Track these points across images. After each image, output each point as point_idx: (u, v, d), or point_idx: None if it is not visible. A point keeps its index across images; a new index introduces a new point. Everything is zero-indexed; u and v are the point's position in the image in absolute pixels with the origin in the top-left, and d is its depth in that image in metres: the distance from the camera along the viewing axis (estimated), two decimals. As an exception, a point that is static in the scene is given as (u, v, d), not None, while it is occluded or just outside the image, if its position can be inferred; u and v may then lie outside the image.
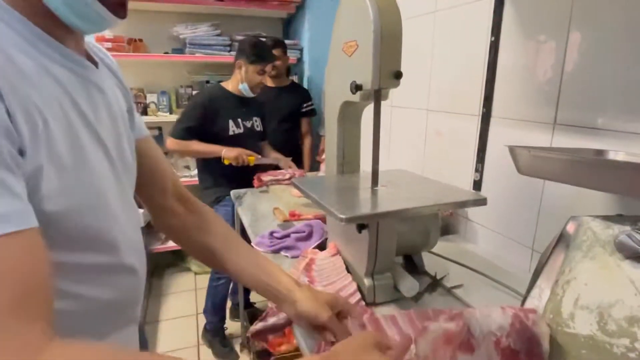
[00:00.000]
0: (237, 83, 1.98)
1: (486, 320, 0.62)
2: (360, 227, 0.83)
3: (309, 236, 1.16)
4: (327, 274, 0.92)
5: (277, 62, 2.47)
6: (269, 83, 2.57)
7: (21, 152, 0.42)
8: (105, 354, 0.42)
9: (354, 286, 0.86)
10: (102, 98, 0.57)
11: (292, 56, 2.78)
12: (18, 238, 0.38)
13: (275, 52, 2.43)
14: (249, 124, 2.04)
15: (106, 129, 0.56)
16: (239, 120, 1.99)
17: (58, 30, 0.50)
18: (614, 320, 0.55)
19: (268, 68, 2.00)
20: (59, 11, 0.48)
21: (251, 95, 2.00)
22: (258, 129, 2.10)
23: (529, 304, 0.67)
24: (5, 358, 0.34)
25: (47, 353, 0.36)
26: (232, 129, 1.97)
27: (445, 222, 1.25)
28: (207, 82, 2.87)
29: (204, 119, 1.90)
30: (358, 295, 0.85)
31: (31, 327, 0.36)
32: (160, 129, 2.96)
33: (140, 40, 2.66)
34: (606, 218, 0.60)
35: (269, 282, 0.71)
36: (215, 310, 2.10)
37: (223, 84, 2.03)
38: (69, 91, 0.50)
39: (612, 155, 0.69)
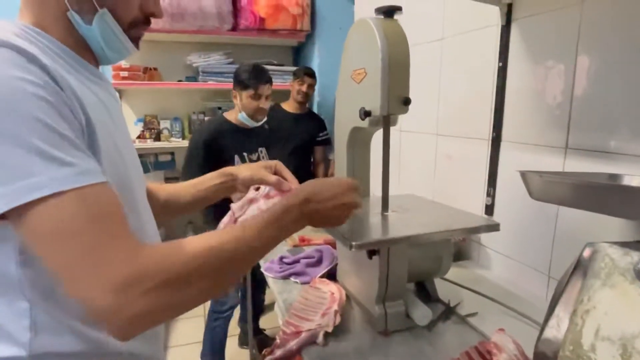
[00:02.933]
0: (237, 114, 1.89)
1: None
2: (371, 253, 0.82)
3: (318, 262, 1.15)
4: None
5: (310, 90, 2.57)
6: (289, 108, 2.62)
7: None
8: (194, 244, 0.52)
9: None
10: (119, 108, 0.67)
11: (302, 82, 2.85)
12: (106, 186, 0.50)
13: (308, 79, 2.52)
14: (254, 157, 1.92)
15: (125, 135, 0.66)
16: (245, 154, 1.88)
17: (85, 54, 0.60)
18: (638, 352, 0.52)
19: (262, 90, 1.84)
20: (93, 42, 0.59)
21: (254, 124, 1.89)
22: (264, 160, 1.97)
23: (547, 334, 0.65)
24: (116, 259, 0.46)
25: (146, 248, 0.49)
26: (237, 164, 1.80)
27: (457, 247, 1.23)
28: (219, 108, 2.93)
29: (208, 157, 1.79)
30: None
31: (130, 238, 0.49)
32: (172, 154, 3.02)
33: (155, 69, 2.75)
34: (624, 244, 0.58)
35: (213, 182, 0.86)
36: (214, 355, 1.99)
37: (226, 115, 1.94)
38: (102, 100, 0.60)
39: (626, 180, 0.68)
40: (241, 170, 0.87)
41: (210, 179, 0.87)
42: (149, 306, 0.47)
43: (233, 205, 0.82)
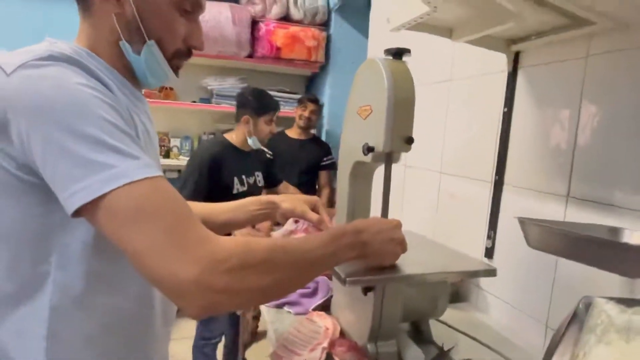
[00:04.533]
0: (242, 137, 1.90)
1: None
2: (366, 290, 0.81)
3: (314, 293, 1.13)
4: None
5: (312, 116, 2.63)
6: (292, 134, 2.67)
7: None
8: (264, 244, 0.55)
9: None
10: (154, 129, 0.74)
11: (312, 111, 2.90)
12: (166, 179, 0.54)
13: (311, 105, 2.59)
14: (252, 180, 1.94)
15: (157, 155, 0.73)
16: (243, 177, 1.89)
17: (130, 77, 0.67)
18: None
19: (275, 115, 1.94)
20: (139, 69, 0.65)
21: (260, 147, 1.92)
22: (260, 184, 2.01)
23: (540, 389, 0.62)
24: (198, 239, 0.49)
25: (219, 238, 0.51)
26: (237, 187, 1.86)
27: (455, 289, 1.21)
28: (225, 131, 2.98)
29: (210, 175, 1.76)
30: None
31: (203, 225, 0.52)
32: (179, 171, 3.05)
33: (171, 88, 2.83)
34: (621, 301, 0.57)
35: (253, 208, 0.88)
36: None
37: (227, 137, 1.93)
38: (143, 121, 0.66)
39: (627, 235, 0.67)
40: (283, 201, 0.90)
41: (250, 204, 0.89)
42: (230, 284, 0.49)
43: (274, 234, 0.86)
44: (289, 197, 0.91)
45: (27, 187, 0.53)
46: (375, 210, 0.94)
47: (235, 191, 1.85)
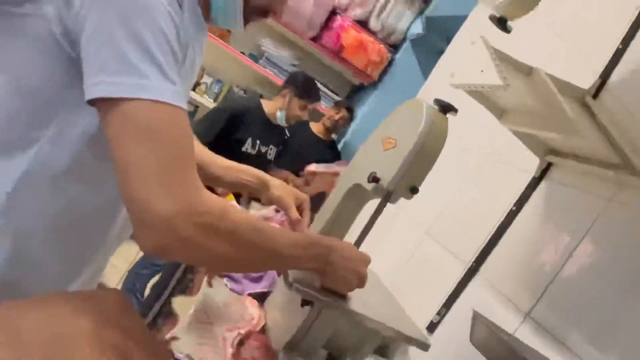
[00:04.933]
0: (275, 108, 2.00)
1: None
2: (305, 302, 0.80)
3: (258, 279, 1.12)
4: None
5: (341, 122, 2.65)
6: (314, 129, 2.67)
7: None
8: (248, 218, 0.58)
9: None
10: (199, 63, 0.73)
11: (343, 118, 2.90)
12: (187, 117, 0.54)
13: (344, 112, 2.61)
14: (264, 150, 2.02)
15: (189, 88, 0.73)
16: (258, 141, 1.99)
17: (203, 7, 0.65)
18: None
19: (312, 106, 2.04)
20: (215, 6, 0.65)
21: (284, 124, 2.01)
22: (269, 157, 2.09)
23: None
24: (187, 183, 0.50)
25: (206, 192, 0.52)
26: (246, 147, 1.94)
27: (386, 342, 1.20)
28: (261, 96, 2.98)
29: (226, 125, 1.86)
30: None
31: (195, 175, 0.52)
32: (197, 107, 3.05)
33: (229, 31, 2.83)
34: None
35: (245, 177, 0.88)
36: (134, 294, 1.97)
37: (263, 102, 2.03)
38: (195, 52, 0.66)
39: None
40: (275, 187, 0.89)
41: (244, 172, 0.89)
42: (193, 238, 0.49)
43: (252, 213, 0.88)
44: (282, 186, 0.91)
45: (61, 54, 0.53)
46: (351, 236, 0.94)
47: (244, 149, 1.92)
